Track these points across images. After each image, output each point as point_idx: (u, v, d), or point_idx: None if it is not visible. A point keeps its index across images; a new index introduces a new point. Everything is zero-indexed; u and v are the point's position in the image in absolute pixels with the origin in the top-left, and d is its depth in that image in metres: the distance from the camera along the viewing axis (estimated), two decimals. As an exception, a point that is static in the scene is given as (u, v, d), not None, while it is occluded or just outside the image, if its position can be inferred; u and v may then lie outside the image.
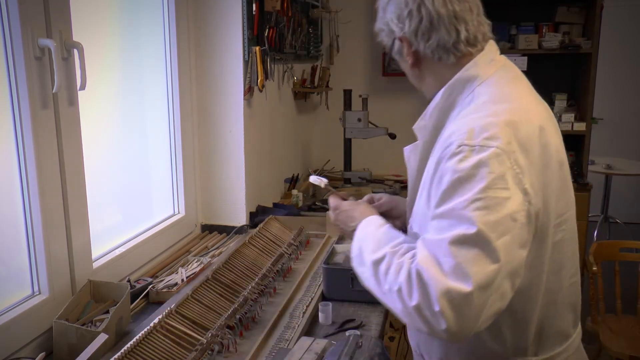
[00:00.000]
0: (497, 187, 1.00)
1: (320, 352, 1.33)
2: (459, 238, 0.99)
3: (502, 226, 0.99)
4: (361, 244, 1.22)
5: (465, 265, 0.97)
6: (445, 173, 1.05)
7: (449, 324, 0.97)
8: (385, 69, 3.44)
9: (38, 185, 1.41)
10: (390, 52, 1.28)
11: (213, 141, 2.32)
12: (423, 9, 1.14)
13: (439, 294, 0.97)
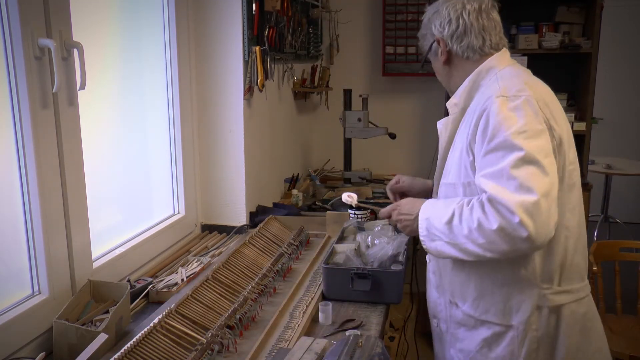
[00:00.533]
0: (533, 122, 1.31)
1: (320, 352, 1.33)
2: (515, 162, 1.27)
3: (544, 150, 1.29)
4: (427, 221, 1.42)
5: (527, 181, 1.25)
6: (490, 117, 1.33)
7: (530, 230, 1.23)
8: (385, 69, 3.44)
9: (38, 185, 1.41)
10: (426, 54, 1.59)
11: (213, 141, 2.32)
12: (460, 19, 1.48)
13: (514, 207, 1.23)
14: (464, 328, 1.55)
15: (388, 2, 3.35)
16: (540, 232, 1.24)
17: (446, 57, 1.53)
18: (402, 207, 1.54)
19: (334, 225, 2.24)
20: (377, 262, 1.74)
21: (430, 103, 3.49)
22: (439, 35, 1.52)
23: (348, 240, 1.98)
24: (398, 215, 1.54)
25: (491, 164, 1.30)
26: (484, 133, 1.33)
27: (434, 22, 1.53)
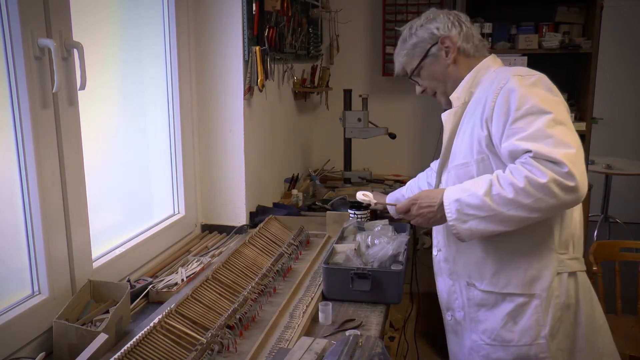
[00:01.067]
0: (551, 95, 1.42)
1: (320, 352, 1.33)
2: (547, 122, 1.36)
3: (565, 115, 1.40)
4: (458, 202, 1.44)
5: (563, 137, 1.34)
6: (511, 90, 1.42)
7: (577, 179, 1.31)
8: (385, 69, 3.44)
9: (38, 185, 1.41)
10: (421, 60, 1.65)
11: (213, 141, 2.32)
12: (461, 23, 1.64)
13: (561, 158, 1.31)
14: (484, 309, 1.59)
15: (388, 2, 3.35)
16: (583, 182, 1.32)
17: (455, 55, 1.62)
18: (420, 200, 1.55)
19: (334, 225, 2.24)
20: (377, 262, 1.74)
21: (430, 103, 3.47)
22: (445, 34, 1.61)
23: (348, 240, 1.98)
24: (418, 209, 1.54)
25: (523, 129, 1.38)
26: (507, 104, 1.42)
27: (432, 27, 1.63)
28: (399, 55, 1.71)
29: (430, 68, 1.66)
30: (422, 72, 1.67)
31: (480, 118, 1.50)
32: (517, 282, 1.52)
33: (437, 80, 1.68)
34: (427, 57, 1.65)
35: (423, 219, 1.55)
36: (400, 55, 1.70)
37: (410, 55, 1.67)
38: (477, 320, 1.61)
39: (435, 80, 1.68)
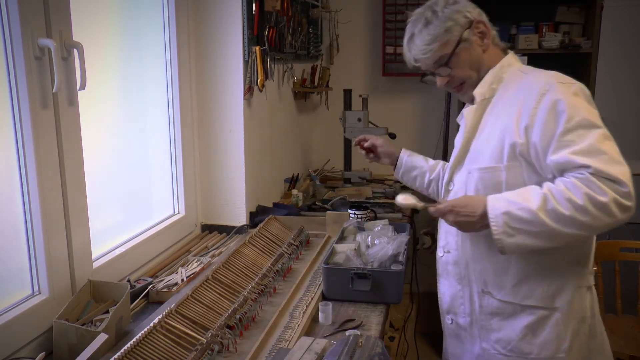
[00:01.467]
0: (592, 107, 1.37)
1: (320, 352, 1.33)
2: (599, 137, 1.31)
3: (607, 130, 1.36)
4: (507, 216, 1.35)
5: (614, 154, 1.30)
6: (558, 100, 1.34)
7: (633, 200, 1.28)
8: (385, 69, 3.44)
9: (38, 185, 1.41)
10: (457, 45, 1.49)
11: (213, 141, 2.32)
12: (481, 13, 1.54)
13: (621, 177, 1.26)
14: (497, 318, 1.53)
15: (388, 2, 3.35)
16: (634, 201, 1.29)
17: (489, 40, 1.52)
18: (460, 207, 1.43)
19: (334, 225, 2.24)
20: (377, 262, 1.74)
21: (430, 103, 3.48)
22: (478, 17, 1.50)
23: (348, 240, 1.98)
24: (456, 216, 1.43)
25: (575, 142, 1.31)
26: (555, 114, 1.34)
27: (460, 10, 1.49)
28: (423, 41, 1.50)
29: (465, 55, 1.50)
30: (453, 60, 1.50)
31: (515, 123, 1.40)
32: (540, 294, 1.47)
33: (472, 69, 1.53)
34: (462, 43, 1.48)
35: (460, 227, 1.46)
36: (424, 41, 1.49)
37: (441, 40, 1.48)
38: (489, 328, 1.55)
39: (470, 69, 1.52)
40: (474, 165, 1.51)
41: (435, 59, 1.50)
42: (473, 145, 1.53)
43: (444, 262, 1.64)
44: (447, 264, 1.62)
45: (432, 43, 1.49)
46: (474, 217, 1.40)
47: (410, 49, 1.55)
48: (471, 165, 1.52)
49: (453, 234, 1.58)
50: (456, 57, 1.49)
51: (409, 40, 1.55)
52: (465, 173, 1.54)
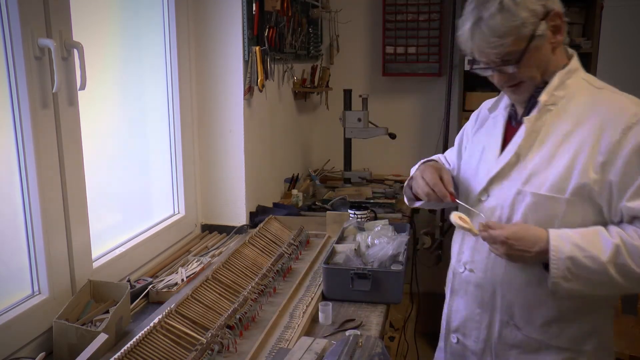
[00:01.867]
0: None
1: (320, 352, 1.33)
2: None
3: None
4: (572, 261, 1.23)
5: None
6: None
7: None
8: (385, 69, 3.44)
9: (38, 185, 1.41)
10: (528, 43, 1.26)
11: (213, 141, 2.32)
12: None
13: None
14: (517, 350, 1.41)
15: (388, 2, 3.35)
16: None
17: (562, 37, 1.30)
18: (515, 240, 1.26)
19: (334, 225, 2.24)
20: (377, 262, 1.74)
21: (430, 103, 3.48)
22: (558, 8, 1.28)
23: (348, 240, 1.98)
24: (509, 249, 1.27)
25: None
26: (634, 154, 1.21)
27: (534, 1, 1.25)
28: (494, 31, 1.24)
29: (535, 53, 1.28)
30: (522, 59, 1.27)
31: (590, 155, 1.24)
32: (570, 335, 1.36)
33: (538, 69, 1.31)
34: (535, 39, 1.25)
35: (507, 257, 1.31)
36: (497, 31, 1.23)
37: (516, 34, 1.23)
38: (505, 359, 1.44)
39: (537, 69, 1.31)
40: (528, 188, 1.31)
41: (502, 55, 1.27)
42: (528, 161, 1.33)
43: (463, 281, 1.49)
44: (467, 284, 1.48)
45: (505, 36, 1.24)
46: (529, 253, 1.26)
47: (474, 36, 1.27)
48: (524, 185, 1.32)
49: (482, 253, 1.41)
50: (526, 55, 1.26)
51: (474, 25, 1.26)
52: (512, 191, 1.34)
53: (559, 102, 1.32)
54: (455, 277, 1.52)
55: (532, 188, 1.31)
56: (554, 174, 1.28)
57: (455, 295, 1.53)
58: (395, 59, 3.40)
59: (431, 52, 3.34)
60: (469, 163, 1.53)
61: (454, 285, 1.53)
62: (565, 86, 1.33)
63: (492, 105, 1.51)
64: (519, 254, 1.27)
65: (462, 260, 1.48)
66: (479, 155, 1.50)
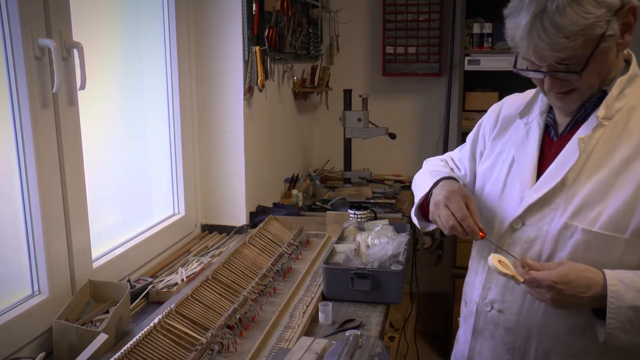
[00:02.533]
0: None
1: (320, 352, 1.33)
2: None
3: None
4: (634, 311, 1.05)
5: None
6: None
7: None
8: (385, 69, 3.44)
9: (38, 185, 1.41)
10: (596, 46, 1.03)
11: (213, 141, 2.32)
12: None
13: None
14: None
15: (388, 2, 3.35)
16: None
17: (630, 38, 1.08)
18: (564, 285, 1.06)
19: (334, 225, 2.24)
20: (377, 262, 1.74)
21: (430, 103, 3.48)
22: (635, 2, 1.05)
23: (348, 240, 1.98)
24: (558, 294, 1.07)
25: None
26: None
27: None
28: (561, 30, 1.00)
29: (601, 58, 1.06)
30: (589, 65, 1.05)
31: None
32: None
33: (600, 75, 1.10)
34: (603, 41, 1.02)
35: (554, 303, 1.09)
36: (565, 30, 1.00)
37: (585, 35, 1.00)
38: None
39: (598, 76, 1.10)
40: (578, 222, 1.11)
41: (564, 58, 1.04)
42: (577, 188, 1.12)
43: (490, 321, 1.28)
44: (495, 326, 1.27)
45: (575, 37, 1.00)
46: (580, 299, 1.06)
47: (532, 33, 1.03)
48: (573, 219, 1.12)
49: (516, 292, 1.22)
50: (593, 61, 1.05)
51: (534, 19, 1.02)
52: (557, 224, 1.14)
53: (615, 116, 1.11)
54: (480, 316, 1.30)
55: (583, 224, 1.10)
56: (612, 208, 1.08)
57: (479, 336, 1.31)
58: (395, 59, 3.40)
59: (431, 52, 3.33)
60: (492, 177, 1.30)
61: (477, 325, 1.31)
62: (624, 96, 1.12)
63: (523, 109, 1.27)
64: (568, 299, 1.07)
65: (489, 297, 1.27)
66: (506, 169, 1.26)
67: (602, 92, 1.14)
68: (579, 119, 1.17)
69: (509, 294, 1.23)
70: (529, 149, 1.23)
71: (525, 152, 1.23)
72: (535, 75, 1.12)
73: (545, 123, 1.24)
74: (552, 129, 1.23)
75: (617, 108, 1.12)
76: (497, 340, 1.27)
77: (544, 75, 1.10)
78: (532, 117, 1.26)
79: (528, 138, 1.24)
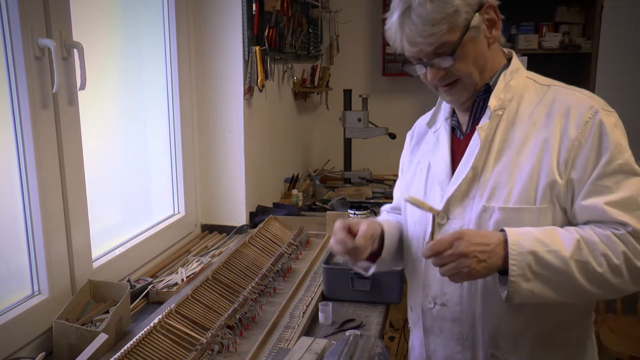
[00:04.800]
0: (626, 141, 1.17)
1: (320, 352, 1.33)
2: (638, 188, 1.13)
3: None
4: (533, 256, 1.10)
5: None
6: (603, 134, 1.14)
7: None
8: (385, 69, 3.44)
9: (38, 185, 1.41)
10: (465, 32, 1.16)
11: (213, 141, 2.32)
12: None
13: None
14: None
15: (388, 2, 3.34)
16: None
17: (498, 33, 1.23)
18: (469, 235, 1.12)
19: (333, 225, 2.23)
20: (377, 262, 1.74)
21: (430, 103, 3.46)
22: (492, 1, 1.21)
23: (348, 240, 1.97)
24: (467, 245, 1.10)
25: (611, 190, 1.12)
26: (599, 152, 1.14)
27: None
28: (425, 19, 1.14)
29: (471, 46, 1.19)
30: (458, 51, 1.17)
31: (554, 156, 1.16)
32: (558, 358, 1.25)
33: (476, 66, 1.21)
34: (470, 30, 1.17)
35: (473, 262, 1.10)
36: (428, 19, 1.14)
37: (449, 22, 1.14)
38: None
39: (474, 65, 1.21)
40: (494, 203, 1.19)
41: (436, 45, 1.16)
42: (487, 173, 1.21)
43: (435, 317, 1.30)
44: (441, 320, 1.30)
45: (438, 24, 1.14)
46: (489, 247, 1.11)
47: (404, 26, 1.17)
48: (490, 201, 1.19)
49: (453, 284, 1.25)
50: (462, 48, 1.17)
51: (402, 15, 1.16)
52: (476, 209, 1.21)
53: (507, 106, 1.23)
54: (426, 315, 1.32)
55: (498, 202, 1.19)
56: (520, 184, 1.17)
57: (430, 334, 1.33)
58: (395, 59, 3.40)
59: (431, 52, 3.33)
60: (414, 186, 1.37)
61: (425, 324, 1.33)
62: (510, 87, 1.24)
63: (430, 119, 1.39)
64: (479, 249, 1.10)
65: (431, 294, 1.30)
66: (424, 175, 1.34)
67: (486, 86, 1.26)
68: (476, 113, 1.28)
69: (447, 285, 1.26)
70: (441, 152, 1.32)
71: (439, 155, 1.32)
72: (418, 71, 1.25)
73: (452, 126, 1.34)
74: (458, 130, 1.33)
75: (507, 98, 1.24)
76: (445, 334, 1.30)
77: (425, 66, 1.22)
78: (439, 124, 1.37)
79: (439, 142, 1.34)
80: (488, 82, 1.26)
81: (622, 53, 3.93)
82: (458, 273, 1.11)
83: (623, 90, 5.55)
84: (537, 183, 1.16)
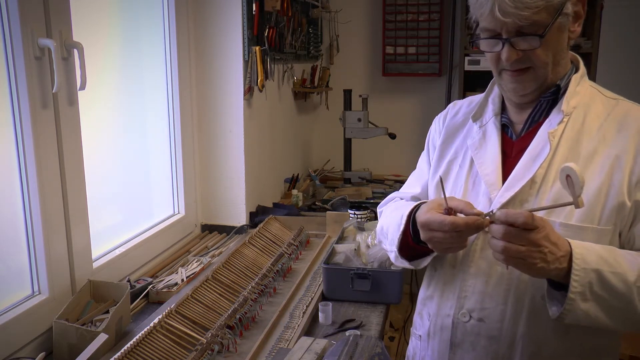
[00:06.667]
0: None
1: (320, 352, 1.33)
2: None
3: None
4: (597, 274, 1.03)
5: None
6: None
7: None
8: (385, 69, 3.44)
9: (38, 185, 1.41)
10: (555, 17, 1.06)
11: (213, 141, 2.32)
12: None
13: None
14: None
15: (388, 2, 3.35)
16: None
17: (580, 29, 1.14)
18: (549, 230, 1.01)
19: (334, 225, 2.24)
20: (377, 262, 1.74)
21: (430, 103, 3.49)
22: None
23: (348, 240, 1.98)
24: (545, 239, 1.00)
25: None
26: None
27: None
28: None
29: (556, 35, 1.09)
30: (548, 33, 1.07)
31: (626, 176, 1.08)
32: None
33: (555, 56, 1.12)
34: (561, 16, 1.08)
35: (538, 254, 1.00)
36: None
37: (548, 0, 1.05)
38: None
39: (553, 55, 1.12)
40: (554, 218, 1.10)
41: (528, 22, 1.05)
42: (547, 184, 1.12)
43: (469, 332, 1.20)
44: (475, 336, 1.19)
45: None
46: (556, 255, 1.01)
47: None
48: (549, 215, 1.10)
49: (496, 298, 1.16)
50: (550, 32, 1.07)
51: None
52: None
53: (571, 112, 1.15)
54: (457, 328, 1.21)
55: (560, 218, 1.10)
56: (585, 200, 1.05)
57: (458, 349, 1.22)
58: (395, 59, 3.41)
59: (431, 52, 3.34)
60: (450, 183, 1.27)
61: (455, 338, 1.22)
62: (577, 94, 1.16)
63: (476, 112, 1.27)
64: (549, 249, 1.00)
65: (467, 306, 1.19)
66: (465, 171, 1.24)
67: (556, 87, 1.17)
68: (535, 115, 1.19)
69: (489, 300, 1.17)
70: (490, 150, 1.21)
71: (485, 153, 1.21)
72: (494, 45, 1.12)
73: (502, 124, 1.24)
74: (510, 129, 1.23)
75: (573, 105, 1.15)
76: (478, 352, 1.20)
77: (503, 43, 1.09)
78: (487, 119, 1.25)
79: (486, 140, 1.23)
80: (558, 82, 1.17)
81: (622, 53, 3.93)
82: (520, 259, 0.99)
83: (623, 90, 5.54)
84: (605, 202, 1.09)
